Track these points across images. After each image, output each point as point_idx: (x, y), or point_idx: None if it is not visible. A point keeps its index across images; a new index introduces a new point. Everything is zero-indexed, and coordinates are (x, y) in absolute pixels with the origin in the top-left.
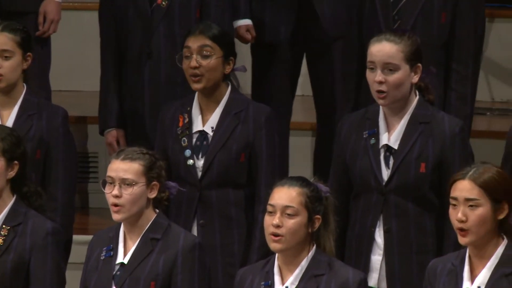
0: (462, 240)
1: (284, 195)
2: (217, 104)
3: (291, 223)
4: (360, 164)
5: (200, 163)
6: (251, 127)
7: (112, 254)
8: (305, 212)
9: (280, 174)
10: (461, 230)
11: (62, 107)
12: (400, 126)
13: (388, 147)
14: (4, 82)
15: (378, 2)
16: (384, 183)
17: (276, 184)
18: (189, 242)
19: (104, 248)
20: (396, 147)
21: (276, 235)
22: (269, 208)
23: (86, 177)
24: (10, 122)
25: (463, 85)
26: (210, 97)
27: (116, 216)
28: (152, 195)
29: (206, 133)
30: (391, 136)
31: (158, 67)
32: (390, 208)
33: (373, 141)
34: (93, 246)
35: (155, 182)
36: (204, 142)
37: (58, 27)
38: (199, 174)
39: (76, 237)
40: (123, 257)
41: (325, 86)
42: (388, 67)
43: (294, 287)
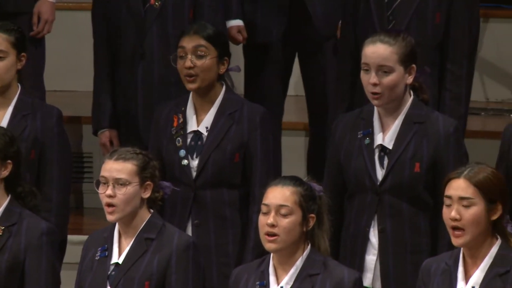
0: (456, 241)
1: (278, 195)
2: (211, 104)
3: (285, 222)
4: (355, 164)
5: (194, 163)
6: (246, 127)
7: (107, 254)
8: (299, 211)
9: (274, 175)
10: (454, 229)
11: (57, 107)
12: (394, 126)
13: (382, 147)
14: None
15: (372, 2)
16: (378, 183)
17: (269, 184)
18: (183, 242)
19: (99, 248)
20: (390, 147)
21: (271, 234)
22: (263, 208)
23: (80, 177)
24: (4, 122)
25: (457, 85)
26: (205, 97)
27: (110, 217)
28: (146, 195)
29: (201, 133)
30: (385, 136)
31: (151, 67)
32: (384, 208)
33: (367, 141)
34: (88, 246)
35: (148, 182)
36: (199, 142)
37: (52, 27)
38: (194, 174)
39: (70, 237)
40: (117, 257)
41: (317, 86)
42: (383, 69)
43: (289, 287)
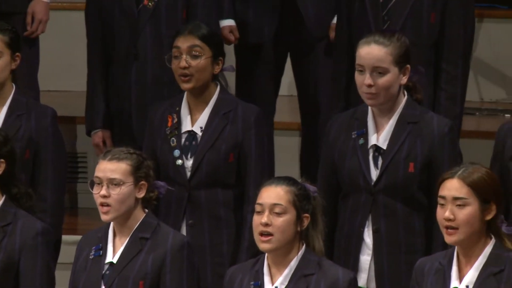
0: (449, 239)
1: (272, 194)
2: (206, 104)
3: (279, 221)
4: (349, 164)
5: (189, 163)
6: (240, 127)
7: (101, 254)
8: (293, 210)
9: (268, 175)
10: (447, 228)
11: (51, 107)
12: (388, 126)
13: (377, 147)
14: None
15: (367, 2)
16: (373, 183)
17: (263, 184)
18: (178, 242)
19: (93, 247)
20: (384, 147)
21: (265, 234)
22: (257, 208)
23: (75, 177)
24: None
25: (452, 85)
26: (199, 97)
27: (104, 217)
28: (141, 194)
29: (195, 133)
30: (379, 136)
31: (144, 68)
32: (379, 208)
33: (361, 141)
34: (81, 246)
35: (143, 182)
36: (193, 142)
37: (47, 27)
38: (188, 174)
39: (65, 237)
40: (112, 256)
41: (309, 86)
42: (377, 70)
43: (284, 287)
